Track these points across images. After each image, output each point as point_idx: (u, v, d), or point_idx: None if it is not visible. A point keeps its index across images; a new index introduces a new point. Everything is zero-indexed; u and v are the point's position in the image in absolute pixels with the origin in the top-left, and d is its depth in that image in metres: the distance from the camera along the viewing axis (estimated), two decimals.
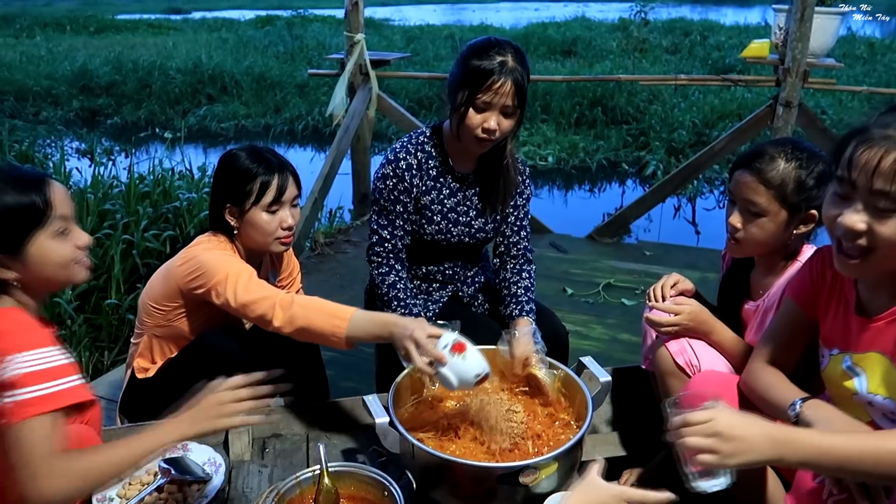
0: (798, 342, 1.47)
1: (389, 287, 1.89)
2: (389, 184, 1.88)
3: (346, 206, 5.13)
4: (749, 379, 1.49)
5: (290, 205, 1.87)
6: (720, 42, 13.49)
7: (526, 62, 1.75)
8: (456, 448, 1.56)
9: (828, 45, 4.08)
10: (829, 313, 1.36)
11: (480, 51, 1.72)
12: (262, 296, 1.67)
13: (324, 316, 1.61)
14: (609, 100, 8.82)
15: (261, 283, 1.73)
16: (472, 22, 19.84)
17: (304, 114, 9.76)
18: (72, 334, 3.07)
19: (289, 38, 14.45)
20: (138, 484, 1.60)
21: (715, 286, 1.89)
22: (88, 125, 9.93)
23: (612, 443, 1.99)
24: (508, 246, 2.03)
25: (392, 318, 1.59)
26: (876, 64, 11.46)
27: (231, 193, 1.83)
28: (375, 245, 1.94)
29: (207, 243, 1.85)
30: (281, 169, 1.83)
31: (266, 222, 1.82)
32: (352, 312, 1.61)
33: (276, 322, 1.64)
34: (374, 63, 4.36)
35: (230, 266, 1.73)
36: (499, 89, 1.69)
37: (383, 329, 1.56)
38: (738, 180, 1.58)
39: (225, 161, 1.87)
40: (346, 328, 1.58)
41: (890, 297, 1.21)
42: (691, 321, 1.67)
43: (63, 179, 4.41)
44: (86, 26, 18.97)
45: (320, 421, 1.89)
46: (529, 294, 1.96)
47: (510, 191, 1.97)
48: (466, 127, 1.75)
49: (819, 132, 4.10)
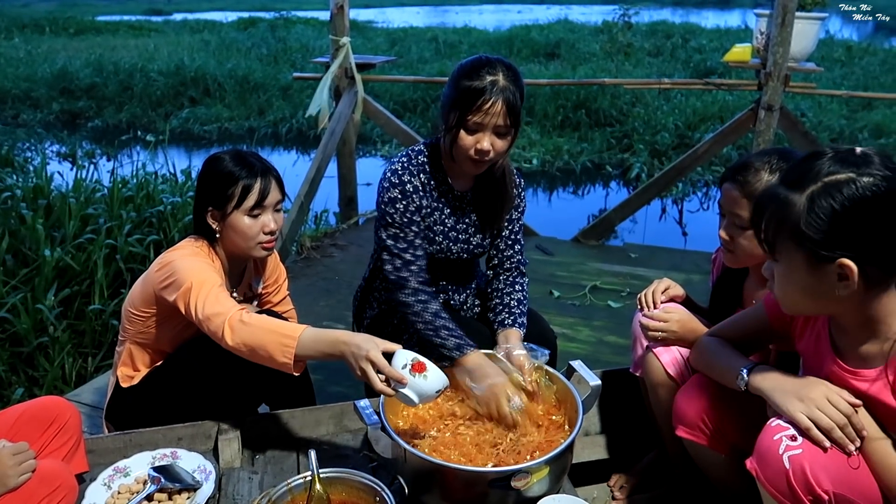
0: (754, 342, 1.52)
1: (434, 316, 1.78)
2: (400, 207, 1.82)
3: (332, 209, 5.12)
4: (696, 349, 1.56)
5: (273, 209, 1.84)
6: (702, 45, 13.63)
7: (519, 80, 1.71)
8: (456, 451, 1.57)
9: (808, 49, 4.15)
10: (804, 336, 1.40)
11: (471, 70, 1.68)
12: (217, 311, 1.62)
13: (273, 336, 1.55)
14: (593, 102, 8.88)
15: (221, 297, 1.67)
16: (455, 24, 19.84)
17: (289, 116, 9.71)
18: (55, 340, 3.03)
19: (272, 40, 14.39)
20: (127, 493, 1.58)
21: (699, 288, 1.91)
22: (69, 128, 9.82)
23: (601, 445, 2.00)
24: (502, 259, 2.01)
25: (343, 335, 1.52)
26: (854, 66, 11.66)
27: (213, 196, 1.81)
28: (401, 270, 1.82)
29: (185, 249, 1.82)
30: (264, 173, 1.81)
31: (248, 226, 1.80)
32: (301, 331, 1.55)
33: (228, 341, 1.58)
34: (359, 66, 4.35)
35: (200, 275, 1.69)
36: (489, 109, 1.66)
37: (334, 348, 1.51)
38: (725, 193, 1.60)
39: (208, 164, 1.85)
40: (296, 347, 1.52)
41: (855, 342, 1.26)
42: (679, 329, 1.67)
43: (44, 183, 4.35)
44: (65, 28, 18.73)
45: (311, 426, 1.88)
46: (522, 307, 1.94)
47: (508, 207, 1.95)
48: (459, 148, 1.72)
49: (800, 135, 4.16)
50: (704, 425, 1.50)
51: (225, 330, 1.58)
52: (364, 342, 1.48)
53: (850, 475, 1.19)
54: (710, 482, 1.63)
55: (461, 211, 1.94)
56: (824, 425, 1.20)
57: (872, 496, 1.21)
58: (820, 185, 1.13)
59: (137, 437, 1.76)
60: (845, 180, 1.12)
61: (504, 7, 32.17)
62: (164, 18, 24.21)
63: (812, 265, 1.17)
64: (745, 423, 1.43)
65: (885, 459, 1.21)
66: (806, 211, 1.14)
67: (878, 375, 1.22)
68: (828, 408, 1.21)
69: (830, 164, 1.15)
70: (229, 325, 1.58)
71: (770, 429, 1.26)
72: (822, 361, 1.33)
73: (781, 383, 1.30)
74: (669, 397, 1.62)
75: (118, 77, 11.12)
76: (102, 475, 1.62)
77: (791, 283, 1.22)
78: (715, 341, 1.53)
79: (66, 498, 1.41)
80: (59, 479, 1.41)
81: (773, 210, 1.19)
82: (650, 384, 1.74)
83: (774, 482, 1.21)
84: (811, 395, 1.23)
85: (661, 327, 1.68)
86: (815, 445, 1.20)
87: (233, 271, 1.94)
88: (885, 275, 1.17)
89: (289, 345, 1.53)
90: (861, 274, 1.14)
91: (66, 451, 1.57)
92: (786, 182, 1.19)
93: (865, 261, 1.14)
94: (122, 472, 1.64)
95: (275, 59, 12.73)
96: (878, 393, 1.23)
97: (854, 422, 1.20)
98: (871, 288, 1.17)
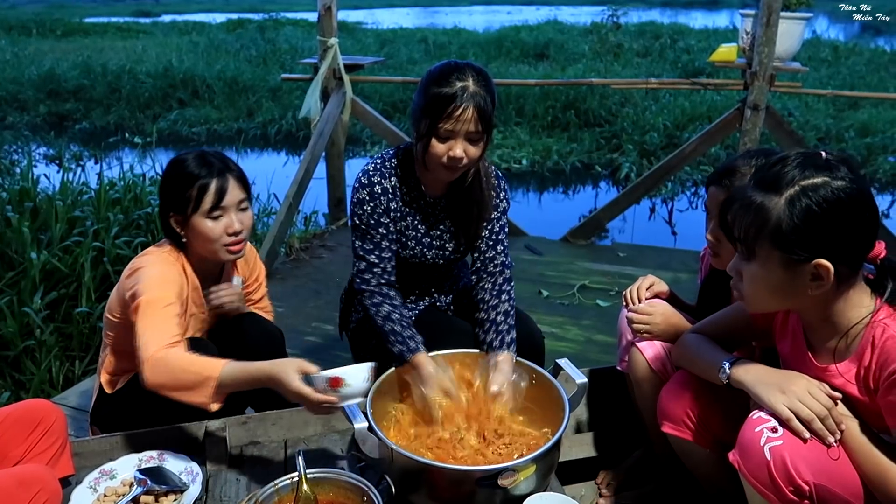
0: (737, 339, 1.54)
1: (385, 319, 1.78)
2: (367, 208, 1.81)
3: (321, 210, 5.11)
4: (678, 346, 1.58)
5: (237, 209, 1.77)
6: (689, 45, 13.70)
7: (490, 85, 1.67)
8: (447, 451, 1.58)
9: (793, 49, 4.17)
10: (785, 335, 1.41)
11: (440, 77, 1.64)
12: (144, 343, 1.57)
13: (190, 375, 1.52)
14: (582, 103, 8.91)
15: (160, 324, 1.61)
16: (445, 25, 19.86)
17: (278, 118, 9.70)
18: (41, 344, 3.01)
19: (261, 41, 14.35)
20: (113, 495, 1.58)
21: (687, 286, 1.92)
22: (56, 130, 9.75)
23: (588, 443, 2.01)
24: (485, 261, 1.94)
25: (264, 369, 1.51)
26: (840, 66, 11.75)
27: (172, 201, 1.75)
28: (364, 272, 1.83)
29: (151, 255, 1.78)
30: (221, 172, 1.74)
31: (210, 229, 1.73)
32: (221, 367, 1.52)
33: (145, 380, 1.54)
34: (347, 67, 4.35)
35: (152, 291, 1.65)
36: (460, 116, 1.62)
37: (257, 383, 1.53)
38: (712, 196, 1.61)
39: (167, 167, 1.80)
40: (216, 386, 1.51)
41: (822, 338, 1.30)
42: (663, 323, 1.70)
43: (31, 186, 4.32)
44: (52, 29, 18.63)
45: (297, 427, 1.88)
46: (510, 320, 1.87)
47: (483, 212, 1.90)
48: (431, 156, 1.68)
49: (786, 134, 4.19)
50: (689, 420, 1.51)
51: (143, 368, 1.54)
52: (284, 375, 1.47)
53: (830, 466, 1.21)
54: (696, 478, 1.64)
55: (434, 218, 1.91)
56: (804, 416, 1.22)
57: (853, 487, 1.22)
58: (798, 189, 1.17)
59: (123, 440, 1.75)
60: (821, 184, 1.17)
61: (493, 8, 32.25)
62: (153, 20, 24.12)
63: (788, 265, 1.20)
64: (728, 418, 1.44)
65: (863, 449, 1.23)
66: (785, 214, 1.17)
67: (845, 370, 1.26)
68: (808, 399, 1.23)
69: (804, 169, 1.19)
70: (147, 363, 1.54)
71: (752, 421, 1.27)
72: (800, 359, 1.35)
73: (763, 376, 1.32)
74: (654, 392, 1.63)
75: (106, 79, 11.07)
76: (88, 478, 1.61)
77: (763, 282, 1.25)
78: (697, 338, 1.54)
79: (48, 502, 1.38)
80: (41, 483, 1.37)
81: (750, 212, 1.22)
82: (635, 379, 1.75)
83: (756, 474, 1.23)
84: (792, 388, 1.26)
85: (645, 320, 1.71)
86: (796, 436, 1.22)
87: (208, 275, 1.90)
88: (852, 272, 1.22)
89: (209, 385, 1.51)
90: (834, 273, 1.18)
91: (52, 453, 1.56)
92: (760, 185, 1.23)
93: (838, 260, 1.18)
94: (108, 475, 1.64)
95: (264, 61, 12.70)
96: (844, 386, 1.26)
97: (834, 414, 1.23)
98: (839, 286, 1.22)
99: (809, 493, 1.19)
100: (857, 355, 1.24)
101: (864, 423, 1.25)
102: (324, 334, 3.30)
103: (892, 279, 1.24)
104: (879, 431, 1.25)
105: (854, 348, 1.25)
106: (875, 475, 1.22)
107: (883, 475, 1.21)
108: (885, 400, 1.19)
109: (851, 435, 1.24)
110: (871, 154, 7.53)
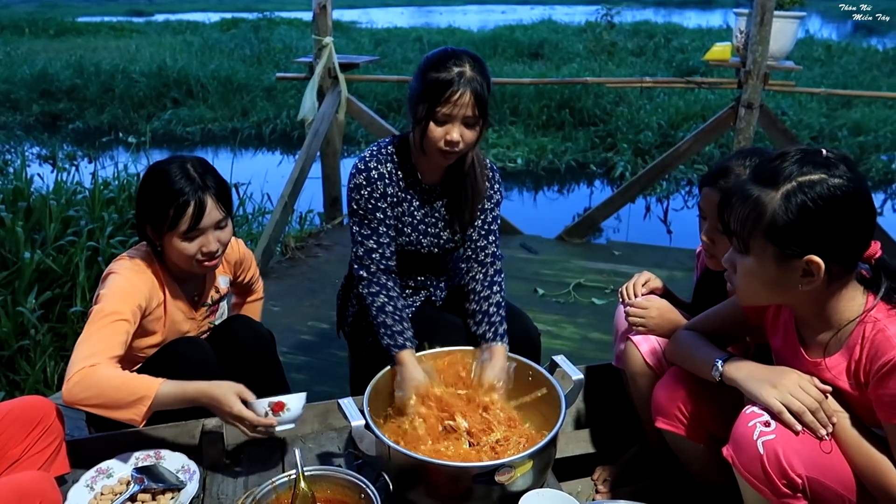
0: (731, 335, 1.56)
1: (378, 311, 1.80)
2: (365, 193, 1.84)
3: (316, 209, 5.10)
4: (672, 342, 1.59)
5: (215, 228, 1.72)
6: (683, 44, 13.73)
7: (485, 71, 1.73)
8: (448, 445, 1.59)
9: (787, 48, 4.19)
10: (776, 331, 1.43)
11: (438, 62, 1.70)
12: (77, 353, 1.55)
13: (121, 394, 1.51)
14: (576, 102, 8.91)
15: (103, 337, 1.58)
16: (439, 24, 19.86)
17: (272, 117, 9.66)
18: (36, 344, 3.00)
19: (255, 40, 14.29)
20: (110, 494, 1.57)
21: (682, 284, 1.93)
22: (49, 130, 9.71)
23: (585, 440, 2.02)
24: (476, 250, 1.96)
25: (203, 390, 1.56)
26: (833, 66, 11.79)
27: (148, 213, 1.71)
28: (363, 258, 1.85)
29: (124, 262, 1.75)
30: (201, 190, 1.67)
31: (184, 248, 1.70)
32: (156, 389, 1.53)
33: (65, 392, 1.51)
34: (342, 66, 4.35)
35: (112, 303, 1.63)
36: (458, 100, 1.67)
37: (194, 402, 1.58)
38: (706, 197, 1.62)
39: (145, 175, 1.74)
40: (150, 406, 1.52)
41: (814, 333, 1.31)
42: (658, 317, 1.71)
43: (24, 186, 4.30)
44: (45, 29, 18.52)
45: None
46: (502, 311, 1.89)
47: (477, 200, 1.93)
48: (429, 140, 1.73)
49: (780, 133, 4.21)
50: (682, 415, 1.52)
51: (67, 385, 1.52)
52: (224, 398, 1.54)
53: (822, 459, 1.23)
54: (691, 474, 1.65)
55: (430, 204, 1.94)
56: (796, 409, 1.24)
57: (845, 480, 1.24)
58: (795, 185, 1.18)
59: (120, 439, 1.75)
60: (818, 180, 1.17)
61: (488, 7, 32.23)
62: (146, 19, 24.00)
63: (781, 260, 1.21)
64: (722, 414, 1.45)
65: (855, 443, 1.24)
66: (781, 208, 1.18)
67: (836, 364, 1.27)
68: (799, 393, 1.25)
69: (802, 165, 1.19)
70: (76, 377, 1.52)
71: (745, 416, 1.29)
72: (792, 354, 1.36)
73: (755, 372, 1.33)
74: (649, 387, 1.64)
75: (99, 78, 11.00)
76: (85, 477, 1.61)
77: (756, 276, 1.26)
78: (690, 334, 1.55)
79: None
80: (41, 495, 1.33)
81: (746, 205, 1.23)
82: (630, 374, 1.76)
83: (749, 468, 1.24)
84: (783, 382, 1.28)
85: (641, 314, 1.72)
86: (788, 429, 1.23)
87: (189, 276, 1.85)
88: (846, 271, 1.23)
89: (143, 404, 1.51)
90: (825, 270, 1.19)
91: (50, 452, 1.56)
92: (758, 180, 1.23)
93: (831, 258, 1.19)
94: (104, 474, 1.63)
95: (258, 60, 12.66)
96: (834, 380, 1.27)
97: (825, 407, 1.25)
98: (831, 283, 1.23)
99: (802, 486, 1.20)
100: (847, 350, 1.25)
101: (855, 417, 1.27)
102: (319, 333, 3.30)
103: (887, 278, 1.25)
104: (870, 425, 1.26)
105: (845, 343, 1.26)
106: (867, 468, 1.23)
107: (874, 468, 1.22)
108: (876, 393, 1.21)
109: (843, 428, 1.25)
110: (863, 153, 7.56)
